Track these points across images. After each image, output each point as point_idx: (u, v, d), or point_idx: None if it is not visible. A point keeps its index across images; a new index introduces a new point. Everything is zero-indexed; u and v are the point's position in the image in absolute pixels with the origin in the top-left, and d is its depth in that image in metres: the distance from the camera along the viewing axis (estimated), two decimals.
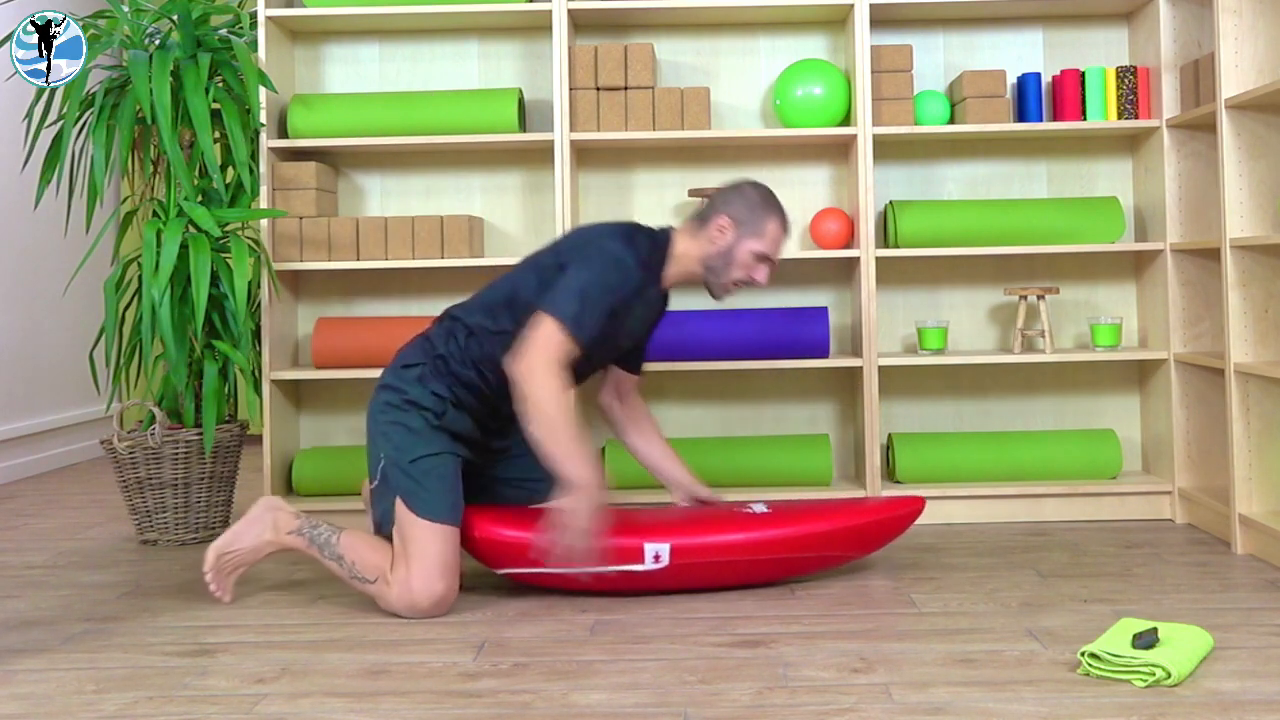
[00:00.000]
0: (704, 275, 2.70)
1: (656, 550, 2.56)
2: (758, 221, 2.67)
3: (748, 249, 2.67)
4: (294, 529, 2.62)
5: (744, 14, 3.48)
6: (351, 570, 2.55)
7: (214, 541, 2.63)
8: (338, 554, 2.57)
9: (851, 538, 2.68)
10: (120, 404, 3.35)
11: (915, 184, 3.60)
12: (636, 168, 3.61)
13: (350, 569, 2.56)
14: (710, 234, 2.68)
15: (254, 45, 3.48)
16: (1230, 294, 2.94)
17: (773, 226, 2.68)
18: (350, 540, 2.58)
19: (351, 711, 1.97)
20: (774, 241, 2.69)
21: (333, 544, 2.58)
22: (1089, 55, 3.59)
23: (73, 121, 3.23)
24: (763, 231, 2.67)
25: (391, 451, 2.55)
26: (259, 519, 2.64)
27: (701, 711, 1.93)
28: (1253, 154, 2.95)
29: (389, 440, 2.56)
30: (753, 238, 2.67)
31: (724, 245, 2.67)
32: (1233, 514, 2.95)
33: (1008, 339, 3.60)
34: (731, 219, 2.67)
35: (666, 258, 2.69)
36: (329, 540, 2.59)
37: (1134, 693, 1.97)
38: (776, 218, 2.69)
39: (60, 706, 2.03)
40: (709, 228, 2.68)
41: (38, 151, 5.01)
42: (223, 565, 2.62)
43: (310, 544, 2.60)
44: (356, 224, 3.38)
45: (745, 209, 2.67)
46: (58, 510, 3.93)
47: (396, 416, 2.57)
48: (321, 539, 2.59)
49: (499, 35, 3.63)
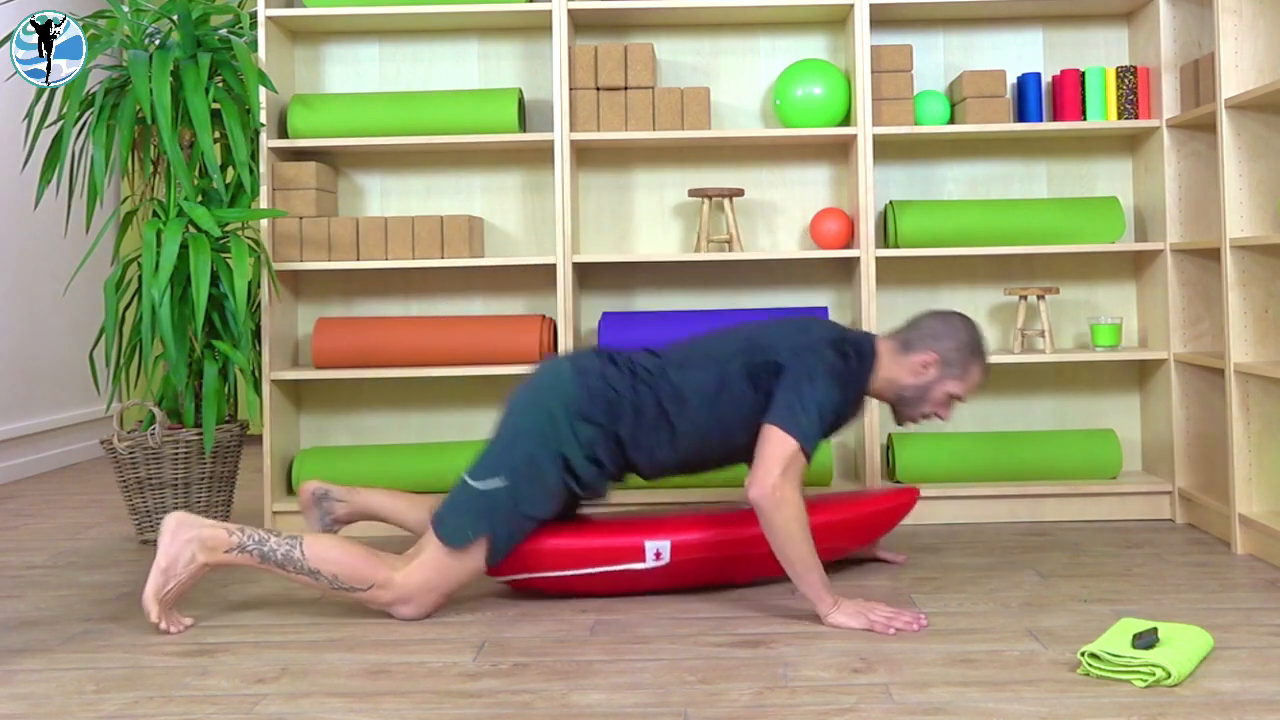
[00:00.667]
0: (894, 400, 2.65)
1: (657, 547, 2.56)
2: (965, 366, 2.61)
3: (946, 390, 2.62)
4: (233, 546, 2.44)
5: (744, 14, 3.48)
6: (334, 583, 2.43)
7: (145, 592, 2.43)
8: (309, 568, 2.42)
9: (848, 529, 2.68)
10: (120, 404, 3.35)
11: (915, 184, 3.60)
12: (636, 168, 3.61)
13: (332, 581, 2.43)
14: (914, 364, 2.60)
15: (254, 45, 3.48)
16: (1230, 294, 2.94)
17: (977, 372, 2.63)
18: (317, 550, 2.43)
19: (351, 711, 1.97)
20: (973, 386, 2.64)
21: (297, 558, 2.43)
22: (1089, 55, 3.59)
23: (73, 121, 3.23)
24: (966, 377, 2.62)
25: (515, 486, 2.47)
26: (180, 543, 2.43)
27: (701, 711, 1.93)
28: (1253, 154, 2.95)
29: (519, 474, 2.47)
30: (954, 381, 2.61)
31: (924, 381, 2.60)
32: (1233, 514, 2.95)
33: (1008, 339, 3.60)
34: (940, 358, 2.60)
35: (872, 370, 2.61)
36: (290, 555, 2.43)
37: (1134, 693, 1.97)
38: (982, 364, 2.63)
39: (60, 706, 2.03)
40: (913, 358, 2.60)
41: (38, 151, 5.01)
42: (165, 604, 2.44)
43: (263, 560, 2.44)
44: (356, 224, 3.38)
45: (955, 352, 2.60)
46: (58, 510, 3.93)
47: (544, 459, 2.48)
48: (280, 553, 2.44)
49: (499, 35, 3.63)
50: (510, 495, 2.47)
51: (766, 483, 2.37)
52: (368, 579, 2.44)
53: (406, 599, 2.46)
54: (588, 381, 2.54)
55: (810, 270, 3.61)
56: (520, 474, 2.47)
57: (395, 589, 2.45)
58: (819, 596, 2.39)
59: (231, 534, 2.45)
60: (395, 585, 2.45)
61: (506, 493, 2.47)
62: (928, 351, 2.60)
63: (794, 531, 2.36)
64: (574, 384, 2.53)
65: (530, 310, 3.62)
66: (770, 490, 2.36)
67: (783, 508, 2.36)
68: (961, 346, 2.60)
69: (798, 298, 3.60)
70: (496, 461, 2.49)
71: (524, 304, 3.62)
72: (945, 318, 2.64)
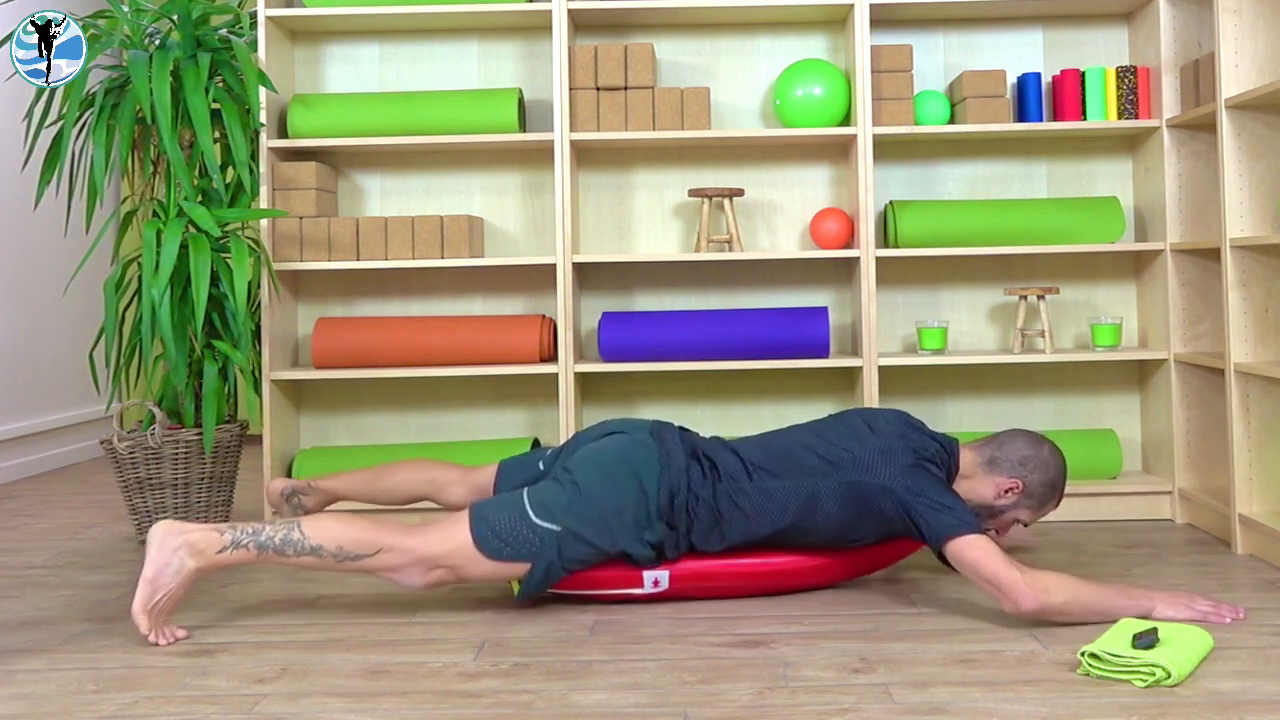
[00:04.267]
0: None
1: (656, 576, 2.55)
2: (1044, 501, 2.62)
3: (1017, 516, 2.62)
4: (226, 545, 2.37)
5: (744, 14, 3.48)
6: (339, 555, 2.38)
7: (134, 605, 2.35)
8: (310, 546, 2.37)
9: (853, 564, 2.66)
10: (120, 404, 3.35)
11: (915, 184, 3.60)
12: (636, 168, 3.61)
13: (337, 555, 2.38)
14: (997, 486, 2.59)
15: (254, 45, 3.48)
16: (1230, 294, 2.94)
17: (1051, 507, 2.65)
18: (316, 528, 2.39)
19: (351, 711, 1.97)
20: (1039, 517, 2.66)
21: (296, 539, 2.38)
22: (1089, 55, 3.59)
23: (73, 121, 3.23)
24: (1041, 510, 2.63)
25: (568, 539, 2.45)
26: (168, 551, 2.35)
27: (701, 711, 1.93)
28: (1253, 154, 2.95)
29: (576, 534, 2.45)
30: (1028, 511, 2.62)
31: (1003, 504, 2.60)
32: (1233, 514, 2.95)
33: (1008, 339, 3.60)
34: (1026, 489, 2.59)
35: (955, 470, 2.61)
36: (289, 537, 2.38)
37: (1134, 693, 1.97)
38: (1057, 501, 2.64)
39: (60, 706, 2.03)
40: (998, 479, 2.59)
41: (38, 151, 5.01)
42: (156, 616, 2.36)
43: (260, 551, 2.38)
44: (356, 224, 3.38)
45: (1041, 486, 2.59)
46: (58, 510, 3.93)
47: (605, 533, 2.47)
48: (278, 539, 2.38)
49: (499, 35, 3.63)
50: (559, 543, 2.45)
51: (1020, 593, 2.30)
52: (374, 543, 2.39)
53: (418, 562, 2.41)
54: (670, 477, 2.52)
55: (810, 270, 3.61)
56: (576, 534, 2.45)
57: (408, 552, 2.40)
58: (1138, 607, 2.34)
59: (223, 533, 2.38)
60: (407, 549, 2.40)
61: (557, 539, 2.45)
62: (1015, 479, 2.58)
63: (1077, 600, 2.32)
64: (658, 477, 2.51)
65: (530, 310, 3.62)
66: (1028, 592, 2.30)
67: (1051, 593, 2.31)
68: (1048, 482, 2.60)
69: (798, 298, 3.60)
70: (563, 510, 2.46)
71: (524, 304, 3.62)
72: (1037, 445, 2.61)
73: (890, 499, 2.47)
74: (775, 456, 2.57)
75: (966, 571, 2.35)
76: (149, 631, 2.35)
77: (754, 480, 2.54)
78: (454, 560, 2.42)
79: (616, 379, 3.61)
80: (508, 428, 3.62)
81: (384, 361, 3.37)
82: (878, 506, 2.49)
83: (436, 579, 2.44)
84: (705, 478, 2.54)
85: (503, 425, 3.62)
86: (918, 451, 2.52)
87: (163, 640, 2.37)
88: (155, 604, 2.35)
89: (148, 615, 2.35)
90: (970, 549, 2.34)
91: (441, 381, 3.62)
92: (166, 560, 2.35)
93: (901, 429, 2.56)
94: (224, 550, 2.37)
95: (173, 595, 2.36)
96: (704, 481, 2.54)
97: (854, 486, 2.50)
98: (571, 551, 2.46)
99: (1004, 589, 2.30)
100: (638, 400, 3.60)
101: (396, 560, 2.40)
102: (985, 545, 2.34)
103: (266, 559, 2.39)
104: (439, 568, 2.42)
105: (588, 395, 3.61)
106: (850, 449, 2.54)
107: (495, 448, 3.39)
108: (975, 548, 2.34)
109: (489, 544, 2.42)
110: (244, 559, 2.38)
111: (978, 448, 2.64)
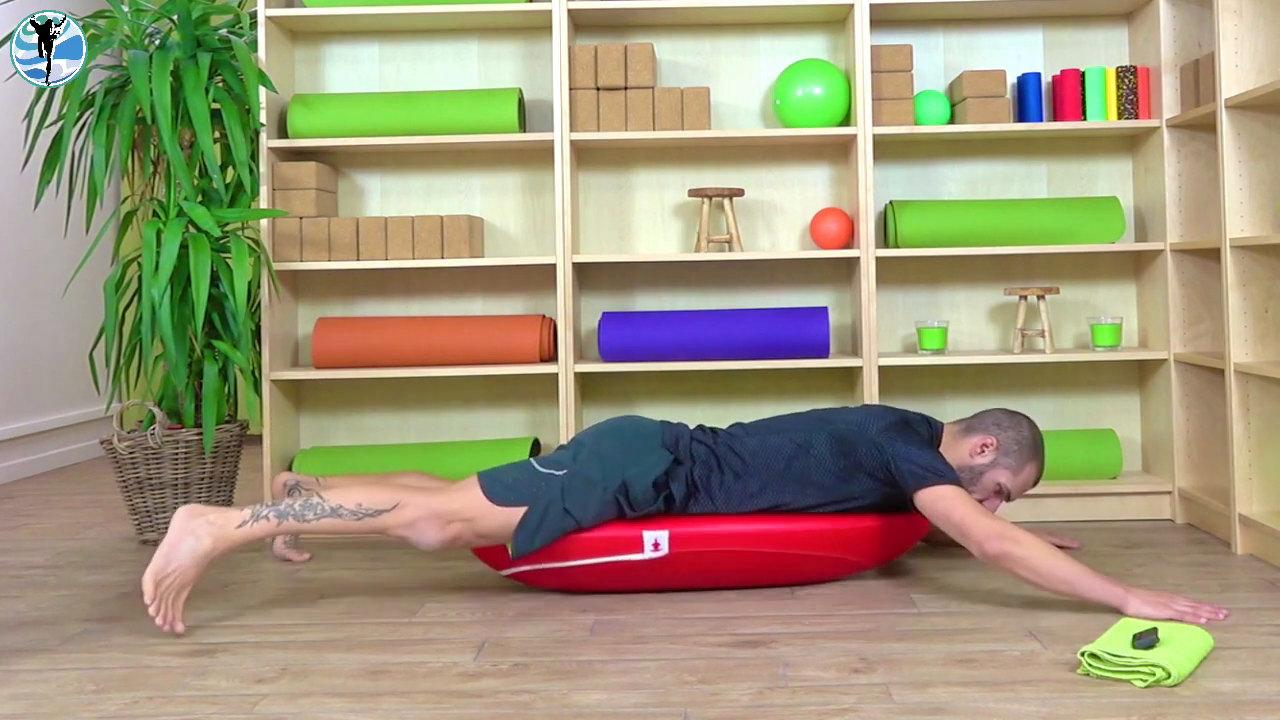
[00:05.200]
0: None
1: (655, 538, 2.56)
2: (1020, 459, 2.71)
3: (996, 478, 2.69)
4: (245, 518, 2.45)
5: (744, 14, 3.48)
6: (358, 512, 2.47)
7: (146, 572, 2.41)
8: (330, 508, 2.47)
9: (856, 540, 2.66)
10: (120, 404, 3.35)
11: (915, 184, 3.60)
12: (636, 168, 3.61)
13: (356, 511, 2.48)
14: (973, 445, 2.71)
15: (254, 45, 3.48)
16: (1230, 294, 2.94)
17: (1030, 471, 2.72)
18: (338, 492, 2.50)
19: (351, 711, 1.97)
20: (1023, 485, 2.73)
21: (316, 503, 2.48)
22: (1089, 55, 3.59)
23: (73, 121, 3.23)
24: (1019, 470, 2.71)
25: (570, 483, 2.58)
26: (187, 530, 2.42)
27: (701, 711, 1.93)
28: (1253, 154, 2.95)
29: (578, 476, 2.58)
30: (1006, 471, 2.70)
31: (979, 463, 2.69)
32: (1233, 514, 2.95)
33: (1008, 339, 3.60)
34: (998, 444, 2.70)
35: (937, 444, 2.75)
36: (310, 503, 2.48)
37: (1134, 693, 1.97)
38: (1037, 464, 2.73)
39: (60, 706, 2.03)
40: (973, 439, 2.72)
41: (38, 151, 5.01)
42: (165, 592, 2.38)
43: (282, 519, 2.47)
44: (356, 224, 3.38)
45: (1015, 443, 2.70)
46: (58, 510, 3.93)
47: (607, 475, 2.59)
48: (297, 508, 2.47)
49: (499, 35, 3.63)
50: (561, 487, 2.57)
51: (986, 534, 2.38)
52: (391, 498, 2.50)
53: (435, 515, 2.50)
54: (673, 428, 2.72)
55: (810, 270, 3.61)
56: (579, 477, 2.58)
57: (424, 505, 2.50)
58: (1109, 593, 2.36)
59: (241, 509, 2.48)
60: (423, 502, 2.50)
61: (559, 483, 2.57)
62: (987, 435, 2.71)
63: (1043, 561, 2.36)
64: (659, 425, 2.71)
65: (530, 310, 3.62)
66: (996, 536, 2.37)
67: (1020, 544, 2.36)
68: (1022, 440, 2.71)
69: (798, 298, 3.60)
70: (566, 460, 2.62)
71: (524, 304, 3.62)
72: (1012, 413, 2.77)
73: (873, 451, 2.61)
74: (769, 424, 2.76)
75: (937, 520, 2.46)
76: (151, 602, 2.37)
77: (750, 436, 2.71)
78: (468, 513, 2.52)
79: (616, 379, 3.61)
80: (508, 428, 3.62)
81: (384, 362, 3.37)
82: (863, 458, 2.62)
83: (453, 533, 2.52)
84: (705, 433, 2.74)
85: (503, 425, 3.62)
86: (902, 415, 2.70)
87: (161, 620, 2.37)
88: (165, 577, 2.39)
89: (155, 585, 2.38)
90: (942, 499, 2.46)
91: (441, 381, 3.62)
92: (185, 534, 2.43)
93: (884, 409, 2.73)
94: (244, 524, 2.45)
95: (183, 572, 2.40)
96: (704, 434, 2.73)
97: (842, 437, 2.66)
98: (574, 493, 2.56)
99: (969, 529, 2.40)
100: (638, 400, 3.60)
101: (414, 514, 2.50)
102: (957, 494, 2.46)
103: (288, 526, 2.47)
104: (455, 521, 2.52)
105: (588, 395, 3.61)
106: (839, 413, 2.74)
107: (495, 448, 3.39)
108: (946, 497, 2.46)
109: (496, 492, 2.54)
110: (265, 530, 2.46)
111: (956, 422, 2.82)
